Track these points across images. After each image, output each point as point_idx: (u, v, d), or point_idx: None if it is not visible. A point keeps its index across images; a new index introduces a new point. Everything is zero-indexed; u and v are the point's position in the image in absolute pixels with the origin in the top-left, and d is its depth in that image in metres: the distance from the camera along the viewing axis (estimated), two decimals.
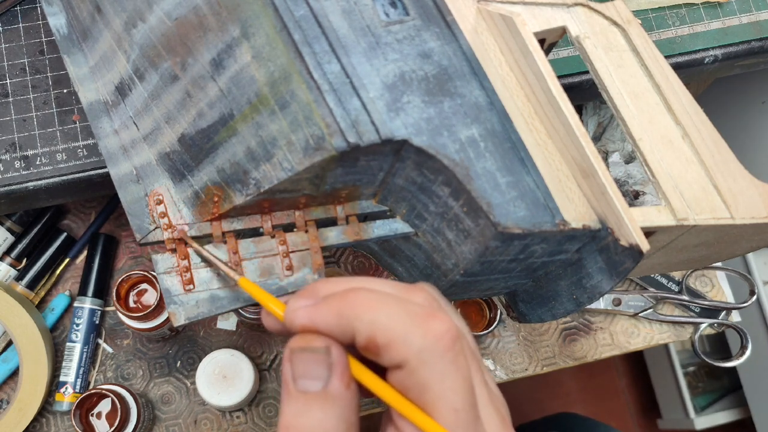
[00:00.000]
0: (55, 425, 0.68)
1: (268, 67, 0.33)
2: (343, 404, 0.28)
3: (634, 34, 0.43)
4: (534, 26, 0.40)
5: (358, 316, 0.28)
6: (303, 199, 0.36)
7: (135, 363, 0.70)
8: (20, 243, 0.70)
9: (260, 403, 0.71)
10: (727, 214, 0.40)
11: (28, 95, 0.53)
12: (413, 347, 0.27)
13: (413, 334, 0.27)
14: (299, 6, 0.34)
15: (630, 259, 0.35)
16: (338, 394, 0.28)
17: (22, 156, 0.51)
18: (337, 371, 0.28)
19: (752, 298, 0.71)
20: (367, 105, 0.33)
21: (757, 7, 0.60)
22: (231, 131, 0.35)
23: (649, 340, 0.75)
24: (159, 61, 0.37)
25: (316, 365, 0.28)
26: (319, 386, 0.28)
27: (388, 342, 0.27)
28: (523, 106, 0.37)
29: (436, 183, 0.35)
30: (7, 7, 0.53)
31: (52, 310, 0.70)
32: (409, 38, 0.36)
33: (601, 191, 0.36)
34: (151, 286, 0.64)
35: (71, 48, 0.42)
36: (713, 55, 0.59)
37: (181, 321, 0.35)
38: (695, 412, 1.35)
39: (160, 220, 0.37)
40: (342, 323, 0.28)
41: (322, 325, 0.28)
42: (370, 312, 0.28)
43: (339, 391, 0.28)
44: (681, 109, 0.42)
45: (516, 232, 0.34)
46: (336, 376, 0.28)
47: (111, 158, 0.39)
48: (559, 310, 0.41)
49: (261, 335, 0.72)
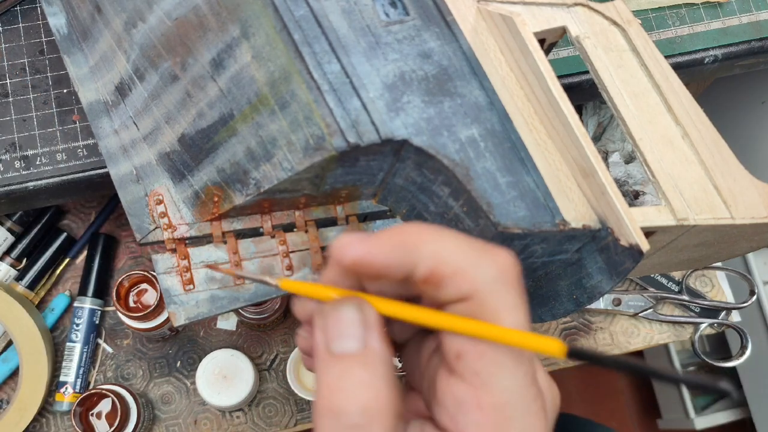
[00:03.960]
0: (55, 425, 0.68)
1: (268, 67, 0.33)
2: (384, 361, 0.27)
3: (634, 34, 0.43)
4: (534, 26, 0.40)
5: (420, 246, 0.26)
6: (303, 199, 0.36)
7: (135, 363, 0.70)
8: (20, 243, 0.70)
9: (260, 403, 0.71)
10: (727, 214, 0.40)
11: (28, 95, 0.53)
12: (484, 276, 0.26)
13: (483, 264, 0.26)
14: (299, 6, 0.34)
15: (630, 259, 0.35)
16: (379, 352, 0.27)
17: (22, 156, 0.51)
18: (372, 327, 0.27)
19: (752, 298, 0.71)
20: (367, 105, 0.33)
21: (757, 7, 0.60)
22: (231, 131, 0.35)
23: (649, 340, 0.75)
24: (159, 61, 0.37)
25: (350, 324, 0.27)
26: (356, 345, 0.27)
27: (455, 272, 0.26)
28: (523, 106, 0.37)
29: (436, 183, 0.35)
30: (7, 7, 0.53)
31: (52, 310, 0.70)
32: (409, 38, 0.36)
33: (601, 191, 0.36)
34: (151, 286, 0.64)
35: (71, 48, 0.42)
36: (713, 55, 0.59)
37: (181, 321, 0.35)
38: (695, 412, 1.35)
39: (160, 220, 0.37)
40: (401, 255, 0.26)
41: (380, 257, 0.26)
42: (434, 242, 0.26)
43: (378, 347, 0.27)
44: (681, 109, 0.42)
45: (516, 232, 0.34)
46: (373, 332, 0.27)
47: (111, 158, 0.39)
48: (559, 310, 0.41)
49: (261, 335, 0.72)
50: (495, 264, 0.26)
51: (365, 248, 0.27)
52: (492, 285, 0.26)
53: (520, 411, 0.26)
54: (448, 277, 0.26)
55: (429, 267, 0.26)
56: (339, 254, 0.27)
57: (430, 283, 0.27)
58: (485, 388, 0.26)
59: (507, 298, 0.26)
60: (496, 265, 0.26)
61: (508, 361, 0.26)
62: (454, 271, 0.26)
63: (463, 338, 0.26)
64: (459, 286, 0.26)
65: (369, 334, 0.27)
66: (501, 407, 0.26)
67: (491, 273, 0.26)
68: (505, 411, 0.26)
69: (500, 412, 0.26)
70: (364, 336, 0.27)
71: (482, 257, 0.26)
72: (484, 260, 0.26)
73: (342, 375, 0.26)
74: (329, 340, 0.27)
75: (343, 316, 0.27)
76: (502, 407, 0.26)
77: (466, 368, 0.26)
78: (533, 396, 0.27)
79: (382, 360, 0.27)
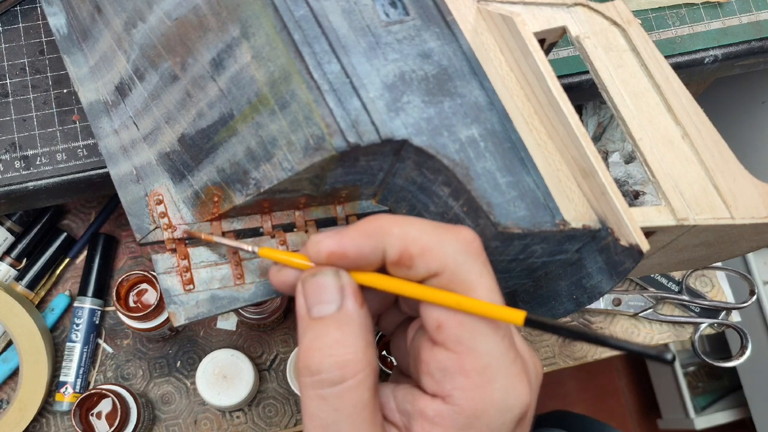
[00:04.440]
0: (55, 425, 0.68)
1: (268, 67, 0.33)
2: (359, 323, 0.29)
3: (634, 34, 0.43)
4: (534, 26, 0.40)
5: (388, 231, 0.28)
6: (303, 199, 0.36)
7: (135, 363, 0.70)
8: (20, 243, 0.70)
9: (260, 403, 0.71)
10: (727, 214, 0.40)
11: (28, 95, 0.53)
12: (450, 251, 0.28)
13: (446, 240, 0.28)
14: (299, 6, 0.34)
15: (630, 259, 0.35)
16: (353, 313, 0.29)
17: (22, 156, 0.51)
18: (348, 292, 0.29)
19: (752, 298, 0.71)
20: (367, 105, 0.33)
21: (757, 7, 0.60)
22: (231, 131, 0.35)
23: (649, 340, 0.75)
24: (159, 61, 0.37)
25: (328, 290, 0.29)
26: (333, 308, 0.29)
27: (422, 250, 0.28)
28: (523, 106, 0.37)
29: (436, 183, 0.35)
30: (7, 7, 0.53)
31: (52, 310, 0.70)
32: (409, 38, 0.36)
33: (601, 191, 0.36)
34: (151, 286, 0.64)
35: (71, 48, 0.42)
36: (713, 55, 0.59)
37: (181, 321, 0.35)
38: (695, 412, 1.35)
39: (160, 220, 0.37)
40: (371, 242, 0.28)
41: (352, 248, 0.29)
42: (399, 226, 0.28)
43: (353, 310, 0.29)
44: (681, 109, 0.42)
45: (516, 232, 0.34)
46: (348, 296, 0.29)
47: (111, 158, 0.39)
48: (559, 310, 0.41)
49: (261, 335, 0.72)
50: (458, 239, 0.28)
51: (337, 241, 0.29)
52: (458, 257, 0.28)
53: (501, 372, 0.28)
54: (416, 257, 0.28)
55: (398, 249, 0.28)
56: (314, 251, 0.29)
57: (402, 264, 0.28)
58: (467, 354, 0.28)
59: (474, 268, 0.28)
60: (460, 240, 0.28)
61: (485, 327, 0.28)
62: (422, 250, 0.28)
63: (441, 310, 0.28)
64: (428, 264, 0.28)
65: (345, 298, 0.29)
66: (483, 370, 0.28)
67: (456, 247, 0.28)
68: (486, 373, 0.28)
69: (482, 375, 0.28)
70: (339, 300, 0.29)
71: (445, 234, 0.28)
72: (448, 237, 0.28)
73: (318, 335, 0.28)
74: (309, 306, 0.29)
75: (322, 282, 0.29)
76: (483, 370, 0.28)
77: (447, 337, 0.28)
78: (512, 359, 0.29)
79: (356, 321, 0.29)
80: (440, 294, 0.28)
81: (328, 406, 0.28)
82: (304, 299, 0.29)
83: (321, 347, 0.28)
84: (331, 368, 0.28)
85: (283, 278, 0.31)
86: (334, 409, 0.28)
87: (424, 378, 0.29)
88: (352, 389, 0.28)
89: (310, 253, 0.29)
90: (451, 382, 0.28)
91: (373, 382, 0.29)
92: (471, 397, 0.28)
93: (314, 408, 0.28)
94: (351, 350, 0.28)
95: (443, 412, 0.28)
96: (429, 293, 0.28)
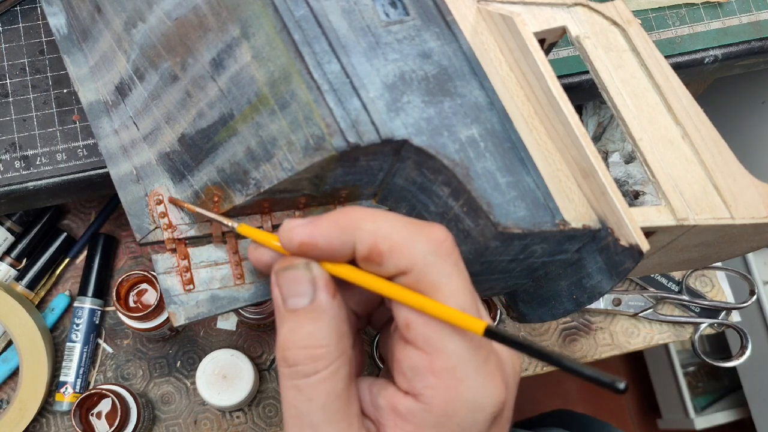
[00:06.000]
0: (55, 425, 0.68)
1: (268, 67, 0.33)
2: (332, 314, 0.29)
3: (634, 34, 0.43)
4: (534, 26, 0.40)
5: (359, 226, 0.29)
6: (303, 199, 0.36)
7: (135, 363, 0.70)
8: (20, 243, 0.70)
9: (260, 403, 0.71)
10: (727, 214, 0.40)
11: (28, 95, 0.53)
12: (419, 250, 0.28)
13: (417, 239, 0.28)
14: (299, 6, 0.34)
15: (630, 259, 0.35)
16: (325, 306, 0.29)
17: (22, 156, 0.51)
18: (320, 284, 0.29)
19: (752, 298, 0.71)
20: (367, 105, 0.33)
21: (757, 7, 0.60)
22: (231, 131, 0.35)
23: (649, 340, 0.75)
24: (159, 61, 0.38)
25: (300, 283, 0.29)
26: (306, 301, 0.29)
27: (391, 248, 0.28)
28: (523, 106, 0.37)
29: (436, 183, 0.35)
30: (7, 7, 0.53)
31: (52, 310, 0.70)
32: (409, 38, 0.36)
33: (601, 191, 0.36)
34: (151, 286, 0.64)
35: (71, 48, 0.42)
36: (713, 55, 0.59)
37: (181, 321, 0.35)
38: (695, 412, 1.35)
39: (160, 220, 0.37)
40: (342, 236, 0.29)
41: (322, 240, 0.29)
42: (371, 222, 0.29)
43: (325, 302, 0.29)
44: (681, 109, 0.42)
45: (516, 232, 0.34)
46: (320, 289, 0.29)
47: (111, 158, 0.39)
48: (559, 310, 0.41)
49: (261, 335, 0.72)
50: (428, 238, 0.28)
51: (308, 231, 0.29)
52: (427, 257, 0.28)
53: (471, 371, 0.28)
54: (386, 253, 0.28)
55: (368, 245, 0.28)
56: (286, 239, 0.30)
57: (371, 260, 0.29)
58: (436, 353, 0.28)
59: (443, 269, 0.28)
60: (430, 239, 0.28)
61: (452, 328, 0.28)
62: (391, 247, 0.28)
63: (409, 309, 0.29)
64: (397, 261, 0.28)
65: (317, 290, 0.29)
66: (452, 369, 0.28)
67: (426, 247, 0.28)
68: (455, 373, 0.28)
69: (452, 374, 0.28)
70: (312, 293, 0.29)
71: (416, 233, 0.28)
72: (418, 236, 0.28)
73: (293, 328, 0.29)
74: (284, 298, 0.30)
75: (294, 275, 0.29)
76: (453, 369, 0.28)
77: (416, 336, 0.28)
78: (483, 357, 0.29)
79: (329, 313, 0.29)
80: (406, 293, 0.28)
81: (303, 396, 0.29)
82: (278, 291, 0.30)
83: (295, 339, 0.29)
84: (305, 360, 0.28)
85: (259, 256, 0.32)
86: (307, 399, 0.29)
87: (397, 375, 0.30)
88: (325, 380, 0.28)
89: (282, 240, 0.30)
90: (421, 380, 0.28)
91: (347, 373, 0.29)
92: (441, 395, 0.28)
93: (290, 398, 0.29)
94: (323, 342, 0.29)
95: (414, 410, 0.28)
96: (396, 291, 0.28)
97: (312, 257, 0.30)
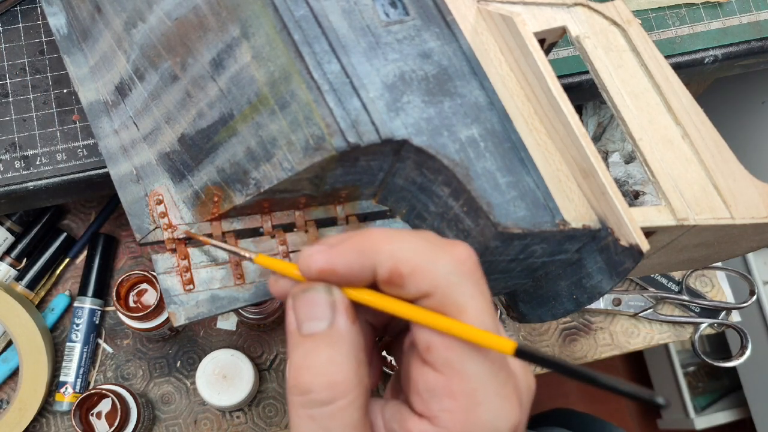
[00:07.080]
0: (55, 425, 0.68)
1: (268, 67, 0.33)
2: (350, 340, 0.28)
3: (634, 34, 0.43)
4: (534, 26, 0.40)
5: (379, 249, 0.27)
6: (303, 199, 0.36)
7: (135, 363, 0.70)
8: (20, 243, 0.70)
9: (260, 403, 0.71)
10: (727, 214, 0.40)
11: (28, 95, 0.53)
12: (441, 271, 0.27)
13: (439, 259, 0.27)
14: (299, 6, 0.34)
15: (630, 259, 0.35)
16: (345, 331, 0.28)
17: (22, 156, 0.51)
18: (340, 308, 0.28)
19: (752, 298, 0.71)
20: (367, 105, 0.33)
21: (757, 7, 0.60)
22: (231, 131, 0.35)
23: (649, 340, 0.75)
24: (159, 61, 0.37)
25: (318, 307, 0.28)
26: (324, 326, 0.28)
27: (413, 270, 0.27)
28: (523, 106, 0.37)
29: (436, 183, 0.35)
30: (7, 7, 0.53)
31: (52, 310, 0.70)
32: (409, 38, 0.36)
33: (601, 191, 0.36)
34: (151, 286, 0.64)
35: (71, 48, 0.42)
36: (713, 55, 0.59)
37: (181, 321, 0.35)
38: (695, 412, 1.35)
39: (160, 220, 0.37)
40: (361, 260, 0.27)
41: (342, 265, 0.28)
42: (391, 244, 0.27)
43: (345, 327, 0.28)
44: (681, 109, 0.42)
45: (516, 232, 0.34)
46: (340, 313, 0.28)
47: (111, 158, 0.39)
48: (559, 310, 0.41)
49: (261, 335, 0.72)
50: (451, 258, 0.27)
51: (327, 258, 0.28)
52: (450, 278, 0.27)
53: (490, 395, 0.27)
54: (407, 276, 0.27)
55: (388, 268, 0.27)
56: (305, 266, 0.28)
57: (393, 283, 0.28)
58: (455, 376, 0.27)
59: (466, 289, 0.27)
60: (452, 259, 0.27)
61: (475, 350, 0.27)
62: (413, 270, 0.27)
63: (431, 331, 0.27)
64: (419, 284, 0.27)
65: (336, 315, 0.28)
66: (471, 393, 0.27)
67: (448, 267, 0.27)
68: (474, 396, 0.27)
69: (470, 398, 0.27)
70: (331, 317, 0.28)
71: (438, 253, 0.27)
72: (440, 256, 0.27)
73: (309, 353, 0.28)
74: (299, 322, 0.28)
75: (313, 298, 0.28)
76: (471, 393, 0.27)
77: (436, 359, 0.27)
78: (502, 381, 0.28)
79: (347, 339, 0.28)
80: (430, 316, 0.27)
81: (318, 426, 0.27)
82: (294, 314, 0.28)
83: (311, 366, 0.27)
84: (321, 388, 0.27)
85: (280, 289, 0.31)
86: (323, 430, 0.27)
87: (412, 396, 0.29)
88: (343, 410, 0.27)
89: (301, 268, 0.29)
90: (438, 403, 0.27)
91: (364, 402, 0.28)
92: (458, 419, 0.27)
93: (303, 428, 0.28)
94: (342, 369, 0.27)
95: None
96: (419, 314, 0.27)
97: (332, 283, 0.28)
